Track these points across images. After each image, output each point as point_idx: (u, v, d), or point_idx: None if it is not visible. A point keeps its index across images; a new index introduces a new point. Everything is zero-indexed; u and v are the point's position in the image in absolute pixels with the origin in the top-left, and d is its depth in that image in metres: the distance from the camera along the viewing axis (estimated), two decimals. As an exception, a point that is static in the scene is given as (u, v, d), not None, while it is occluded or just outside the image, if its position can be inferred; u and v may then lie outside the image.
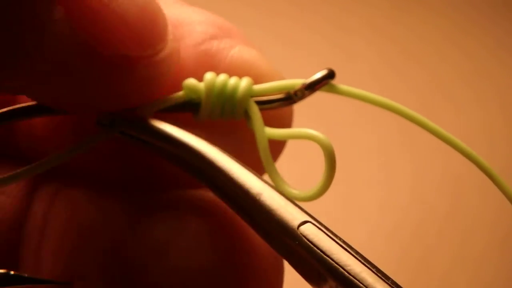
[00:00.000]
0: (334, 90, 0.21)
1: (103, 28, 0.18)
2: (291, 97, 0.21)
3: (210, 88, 0.21)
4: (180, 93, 0.21)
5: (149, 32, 0.19)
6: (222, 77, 0.21)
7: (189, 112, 0.21)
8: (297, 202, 0.20)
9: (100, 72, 0.19)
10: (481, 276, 0.76)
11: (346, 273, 0.18)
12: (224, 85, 0.21)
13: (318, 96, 0.21)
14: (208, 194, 0.22)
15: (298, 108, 0.23)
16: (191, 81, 0.21)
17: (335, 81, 0.21)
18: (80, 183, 0.22)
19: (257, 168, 0.21)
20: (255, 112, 0.21)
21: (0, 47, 0.17)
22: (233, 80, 0.21)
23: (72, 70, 0.18)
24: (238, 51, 0.21)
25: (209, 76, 0.21)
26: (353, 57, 0.87)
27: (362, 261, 0.19)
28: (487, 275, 0.76)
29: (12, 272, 0.21)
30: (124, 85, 0.19)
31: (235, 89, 0.21)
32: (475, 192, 0.75)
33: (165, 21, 0.20)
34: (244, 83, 0.21)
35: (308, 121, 0.22)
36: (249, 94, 0.21)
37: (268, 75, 0.21)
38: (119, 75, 0.19)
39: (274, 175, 0.21)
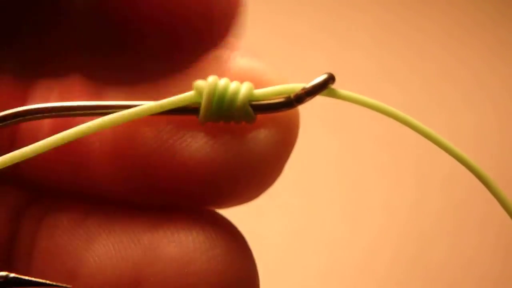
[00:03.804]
0: (334, 94, 0.21)
1: None
2: (291, 102, 0.21)
3: (211, 91, 0.21)
4: (189, 94, 0.21)
5: None
6: (224, 80, 0.21)
7: (193, 114, 0.21)
8: None
9: None
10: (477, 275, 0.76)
11: None
12: (225, 89, 0.21)
13: (319, 99, 0.22)
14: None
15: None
16: (199, 83, 0.21)
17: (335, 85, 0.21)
18: (67, 204, 0.22)
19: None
20: (251, 117, 0.21)
21: None
22: (234, 84, 0.21)
23: None
24: (247, 59, 0.22)
25: (211, 79, 0.21)
26: (350, 62, 0.88)
27: None
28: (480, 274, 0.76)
29: (11, 275, 0.21)
30: None
31: (235, 93, 0.21)
32: (478, 194, 0.75)
33: None
34: (244, 87, 0.21)
35: (309, 124, 0.22)
36: (248, 98, 0.21)
37: (275, 83, 0.21)
38: None
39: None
